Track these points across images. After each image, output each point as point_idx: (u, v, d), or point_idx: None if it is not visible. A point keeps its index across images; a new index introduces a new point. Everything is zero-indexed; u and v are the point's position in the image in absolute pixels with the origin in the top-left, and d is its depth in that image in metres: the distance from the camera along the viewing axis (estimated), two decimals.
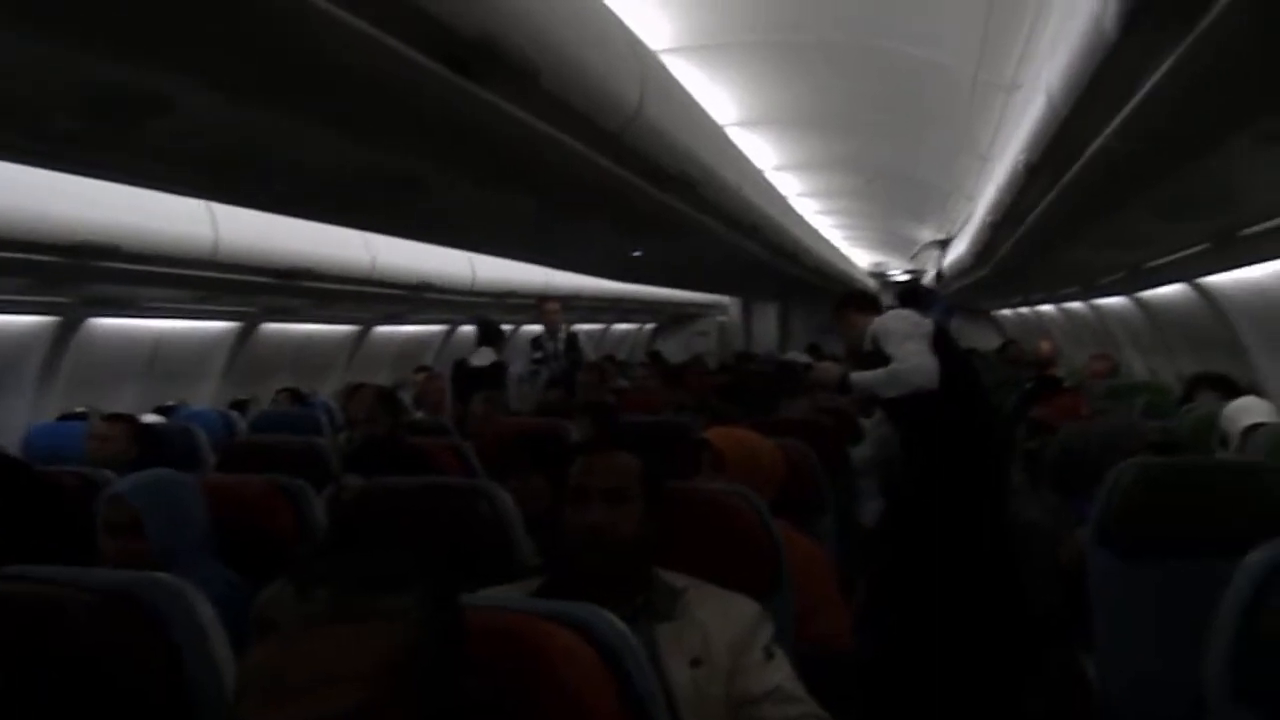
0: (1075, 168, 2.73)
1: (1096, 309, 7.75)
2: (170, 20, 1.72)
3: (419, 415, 5.84)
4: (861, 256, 13.32)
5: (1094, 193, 3.02)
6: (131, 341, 5.20)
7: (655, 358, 11.12)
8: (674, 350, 12.85)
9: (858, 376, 3.55)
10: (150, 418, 4.99)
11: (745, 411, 4.34)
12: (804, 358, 6.49)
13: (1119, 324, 7.36)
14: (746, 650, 1.57)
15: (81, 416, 5.12)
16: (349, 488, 2.50)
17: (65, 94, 2.12)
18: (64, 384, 4.80)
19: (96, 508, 1.99)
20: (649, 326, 14.73)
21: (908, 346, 3.35)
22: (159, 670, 1.15)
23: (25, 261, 3.56)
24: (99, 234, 3.67)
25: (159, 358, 5.44)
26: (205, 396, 5.86)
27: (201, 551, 2.07)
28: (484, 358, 5.47)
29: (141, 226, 3.89)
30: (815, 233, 8.66)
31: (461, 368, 5.48)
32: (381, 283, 5.60)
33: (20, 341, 4.54)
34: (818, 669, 1.65)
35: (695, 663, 1.54)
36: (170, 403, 5.67)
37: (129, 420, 3.87)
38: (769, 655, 1.58)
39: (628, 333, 13.89)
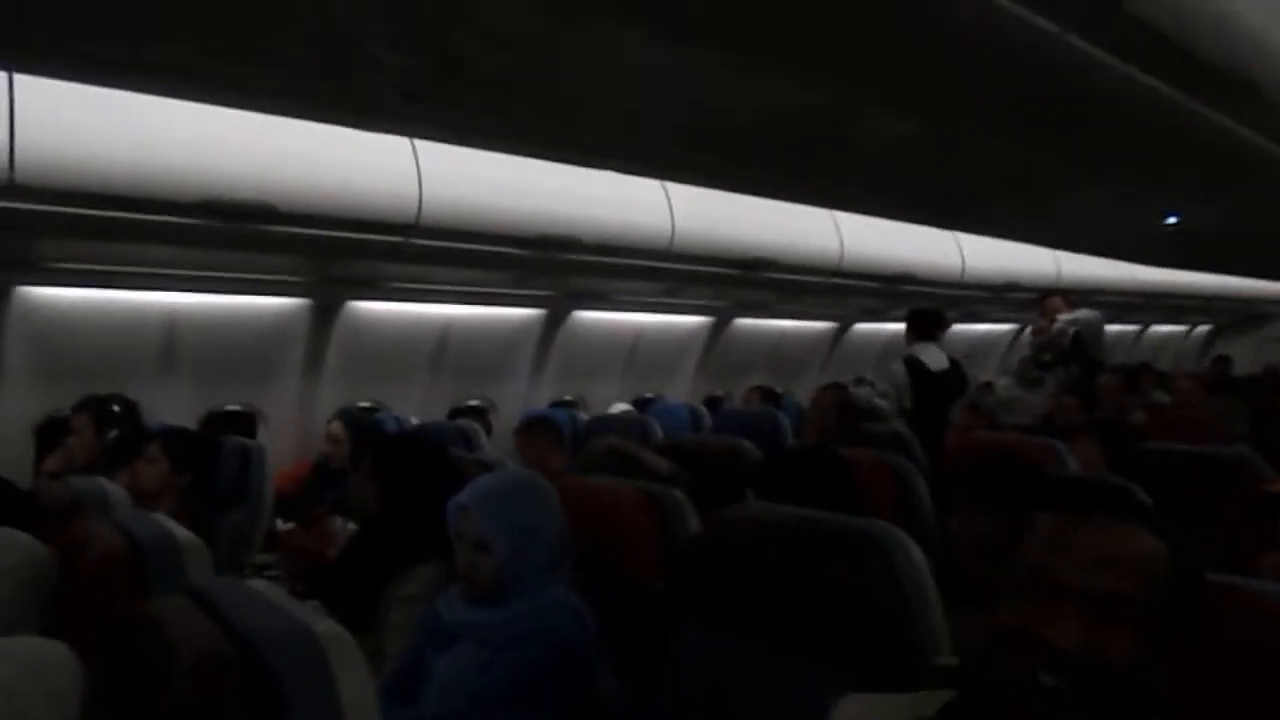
0: None
1: None
2: None
3: (898, 422, 5.23)
4: None
5: None
6: (614, 334, 5.41)
7: (1219, 364, 8.86)
8: (1241, 361, 10.21)
9: None
10: (620, 407, 5.15)
11: None
12: None
13: None
14: None
15: (571, 404, 5.50)
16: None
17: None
18: (553, 373, 5.15)
19: (449, 514, 1.79)
20: (1202, 329, 11.97)
21: None
22: None
23: (506, 255, 3.77)
24: (564, 227, 3.76)
25: (638, 351, 5.61)
26: (681, 391, 5.94)
27: (552, 572, 1.76)
28: (935, 357, 4.48)
29: (604, 218, 3.91)
30: None
31: (917, 368, 4.52)
32: (852, 274, 5.09)
33: (517, 332, 4.94)
34: None
35: None
36: (648, 395, 5.84)
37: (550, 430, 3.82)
38: None
39: (1170, 336, 11.42)
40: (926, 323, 4.65)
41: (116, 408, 3.66)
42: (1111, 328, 8.89)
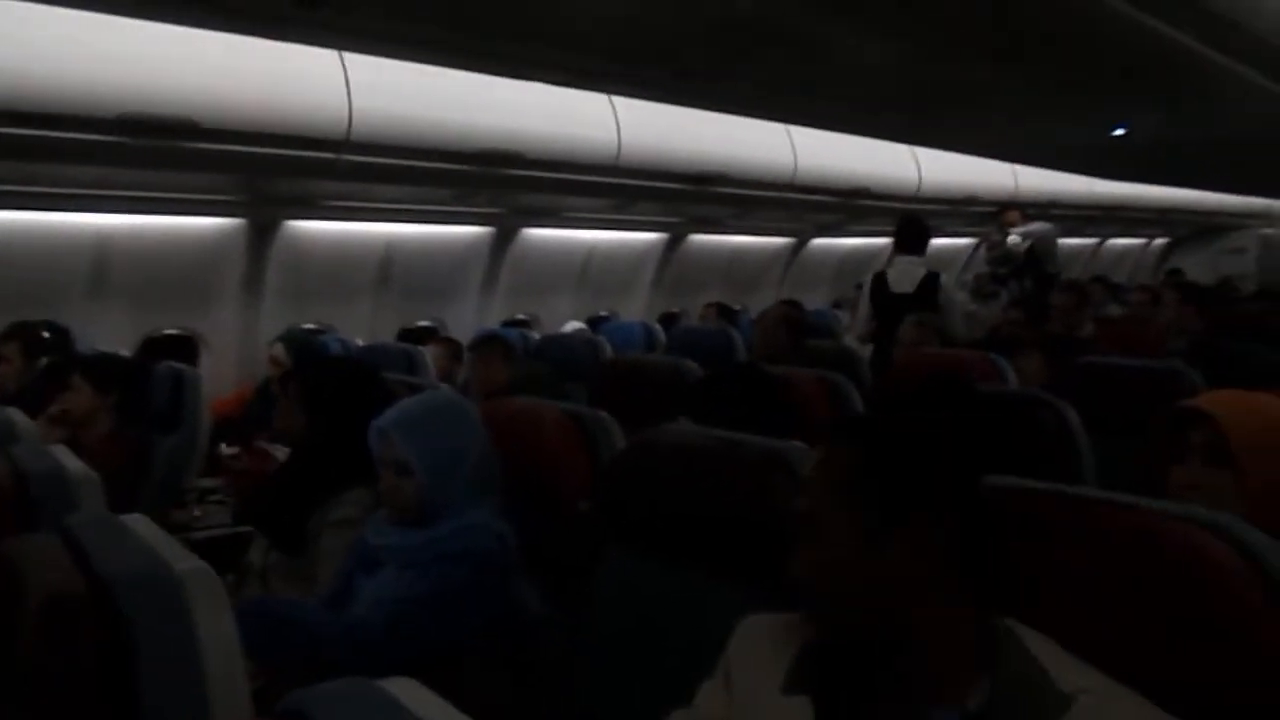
0: None
1: None
2: None
3: (848, 340, 5.24)
4: None
5: None
6: (565, 252, 5.33)
7: (1172, 276, 8.97)
8: (1197, 274, 10.34)
9: None
10: (572, 326, 5.11)
11: None
12: None
13: None
14: None
15: (523, 324, 5.44)
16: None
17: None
18: (504, 292, 5.07)
19: (370, 438, 1.76)
20: (1158, 243, 12.09)
21: None
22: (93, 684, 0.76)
23: (445, 171, 3.66)
24: (505, 142, 3.65)
25: (591, 268, 5.55)
26: (636, 308, 5.90)
27: (476, 492, 1.75)
28: (904, 275, 4.20)
29: (547, 133, 3.80)
30: None
31: (879, 286, 4.33)
32: (806, 188, 5.02)
33: (465, 250, 4.85)
34: None
35: None
36: (602, 313, 5.80)
37: (499, 344, 3.80)
38: None
39: (1128, 250, 11.53)
40: (904, 235, 4.31)
41: (47, 335, 3.56)
42: (1070, 241, 8.94)
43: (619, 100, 3.98)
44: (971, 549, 0.94)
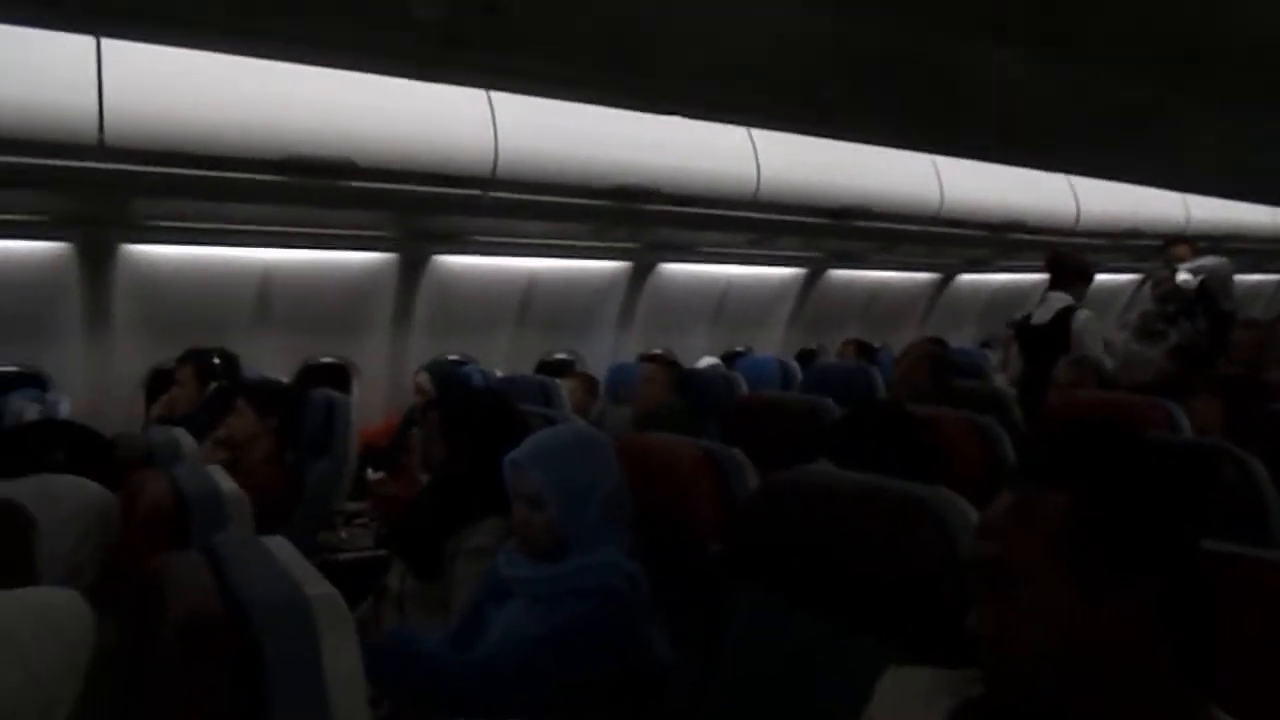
0: None
1: None
2: None
3: (998, 380, 4.98)
4: None
5: None
6: (701, 286, 5.31)
7: None
8: None
9: None
10: (707, 361, 5.07)
11: None
12: None
13: None
14: None
15: (659, 359, 5.45)
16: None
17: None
18: (639, 326, 5.10)
19: (505, 469, 1.76)
20: None
21: None
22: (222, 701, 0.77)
23: (585, 207, 3.72)
24: (644, 177, 3.67)
25: (727, 303, 5.50)
26: (772, 344, 5.80)
27: (607, 528, 1.73)
28: (1047, 309, 4.11)
29: (685, 167, 3.81)
30: None
31: (1023, 322, 4.28)
32: (953, 221, 4.82)
33: (603, 284, 4.90)
34: None
35: None
36: (738, 349, 5.74)
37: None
38: None
39: None
40: (1053, 271, 4.24)
41: (217, 360, 3.82)
42: (1250, 277, 8.21)
43: (758, 133, 3.94)
44: (1184, 618, 0.82)
